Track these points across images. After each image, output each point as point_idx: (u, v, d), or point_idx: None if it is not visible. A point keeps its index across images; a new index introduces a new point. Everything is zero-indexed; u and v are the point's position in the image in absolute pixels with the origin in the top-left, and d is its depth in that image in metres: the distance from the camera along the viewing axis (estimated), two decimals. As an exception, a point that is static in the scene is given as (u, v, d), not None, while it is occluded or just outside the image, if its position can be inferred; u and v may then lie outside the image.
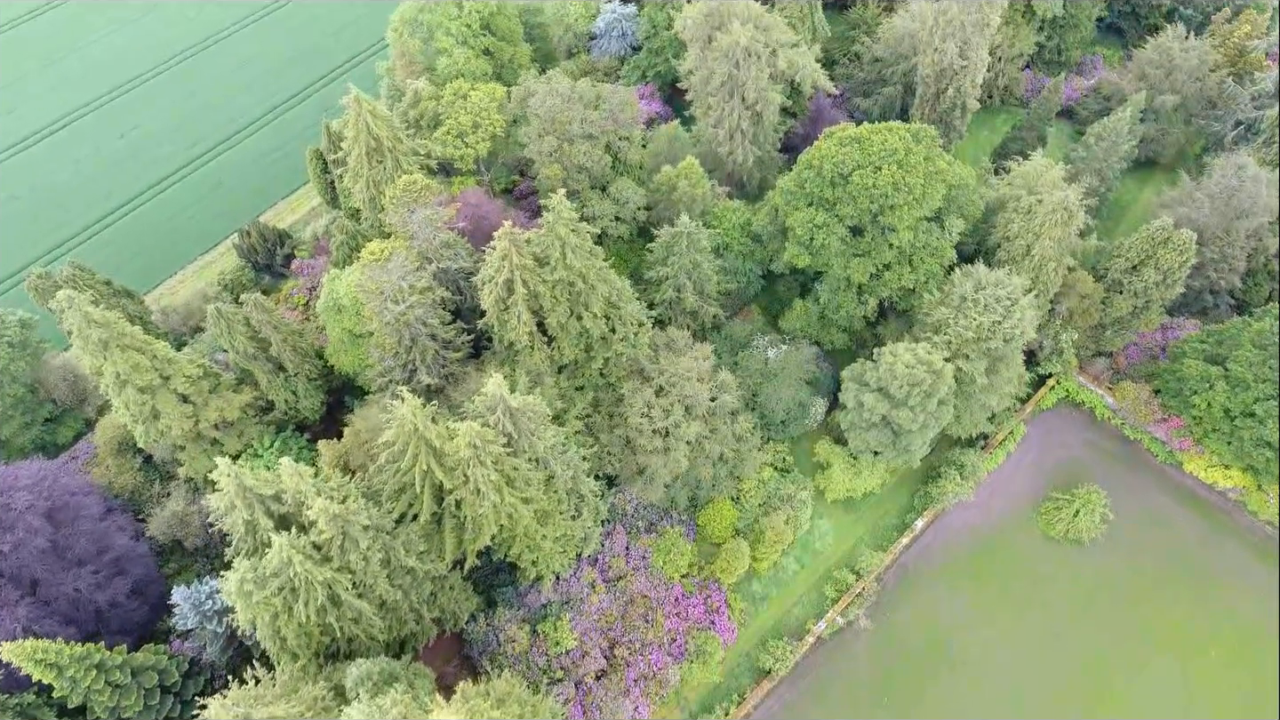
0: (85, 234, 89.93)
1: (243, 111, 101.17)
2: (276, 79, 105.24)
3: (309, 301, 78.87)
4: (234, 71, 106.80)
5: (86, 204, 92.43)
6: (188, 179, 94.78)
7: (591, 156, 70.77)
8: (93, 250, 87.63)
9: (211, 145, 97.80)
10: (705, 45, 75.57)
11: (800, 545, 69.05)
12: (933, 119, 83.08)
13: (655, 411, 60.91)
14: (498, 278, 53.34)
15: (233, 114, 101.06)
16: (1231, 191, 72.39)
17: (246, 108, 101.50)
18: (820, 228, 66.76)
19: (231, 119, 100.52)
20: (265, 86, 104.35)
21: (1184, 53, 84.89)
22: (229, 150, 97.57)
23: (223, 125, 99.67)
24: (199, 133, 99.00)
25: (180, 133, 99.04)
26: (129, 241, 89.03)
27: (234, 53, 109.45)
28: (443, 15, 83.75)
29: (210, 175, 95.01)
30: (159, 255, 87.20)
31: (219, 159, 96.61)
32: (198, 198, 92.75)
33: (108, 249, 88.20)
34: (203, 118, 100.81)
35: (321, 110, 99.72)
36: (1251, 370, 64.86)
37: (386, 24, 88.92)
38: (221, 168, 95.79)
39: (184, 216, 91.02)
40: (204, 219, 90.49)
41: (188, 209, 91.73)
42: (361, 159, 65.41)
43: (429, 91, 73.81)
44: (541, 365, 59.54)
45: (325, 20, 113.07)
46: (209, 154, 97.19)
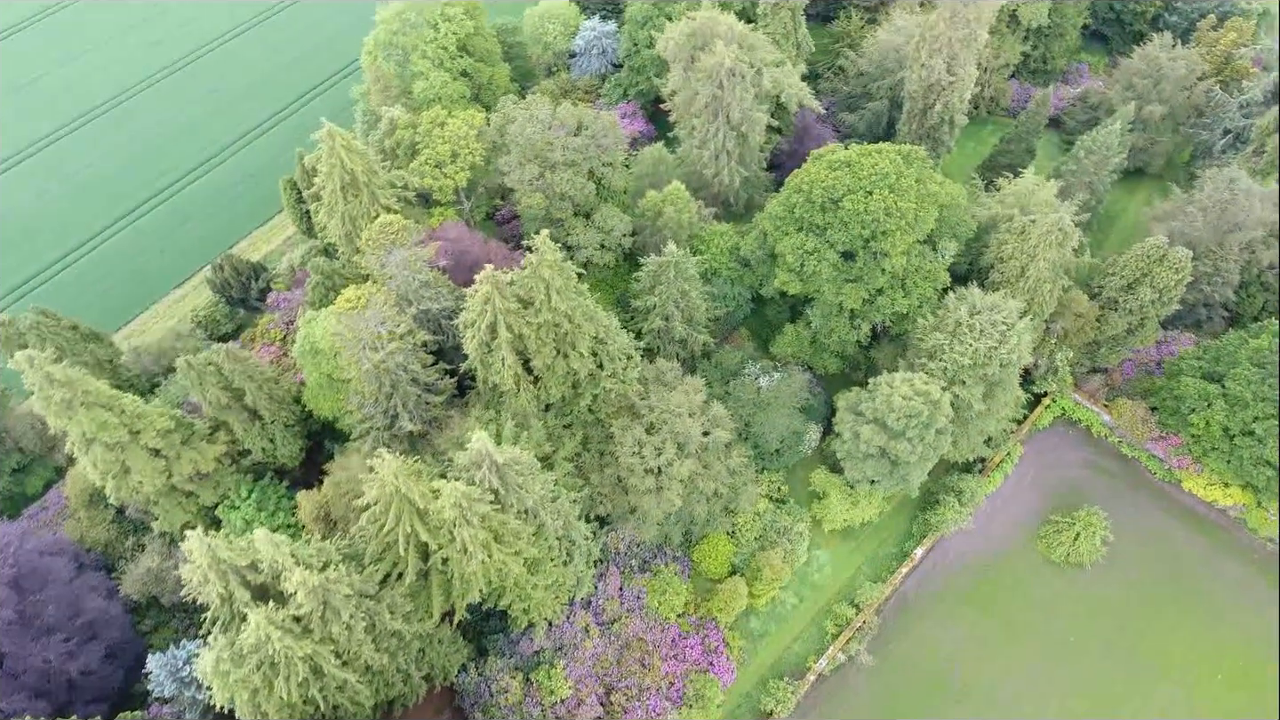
0: (51, 271, 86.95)
1: (213, 139, 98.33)
2: (247, 104, 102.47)
3: (286, 336, 76.51)
4: (203, 97, 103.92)
5: (52, 239, 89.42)
6: (157, 210, 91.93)
7: (574, 184, 68.85)
8: (59, 289, 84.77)
9: (181, 174, 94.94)
10: (688, 65, 73.84)
11: (798, 578, 67.48)
12: (920, 134, 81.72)
13: (647, 450, 59.05)
14: (480, 322, 51.32)
15: (202, 142, 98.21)
16: (1224, 205, 71.45)
17: (216, 135, 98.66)
18: (811, 254, 65.19)
19: (201, 147, 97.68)
20: (235, 112, 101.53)
21: (1171, 62, 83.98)
22: (199, 180, 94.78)
23: (192, 153, 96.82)
24: (167, 162, 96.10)
25: (148, 162, 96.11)
26: (97, 278, 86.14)
27: (203, 78, 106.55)
28: (418, 38, 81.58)
29: (180, 206, 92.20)
30: (128, 291, 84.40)
31: (189, 189, 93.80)
32: (168, 230, 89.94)
33: (75, 286, 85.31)
34: (171, 146, 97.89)
35: (295, 135, 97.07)
36: (1250, 389, 63.85)
37: (360, 46, 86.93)
38: (192, 198, 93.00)
39: (154, 250, 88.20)
40: (175, 252, 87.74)
41: (158, 242, 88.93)
42: (336, 194, 63.15)
43: (405, 120, 71.57)
44: (528, 407, 57.58)
45: (296, 42, 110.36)
46: (178, 184, 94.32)
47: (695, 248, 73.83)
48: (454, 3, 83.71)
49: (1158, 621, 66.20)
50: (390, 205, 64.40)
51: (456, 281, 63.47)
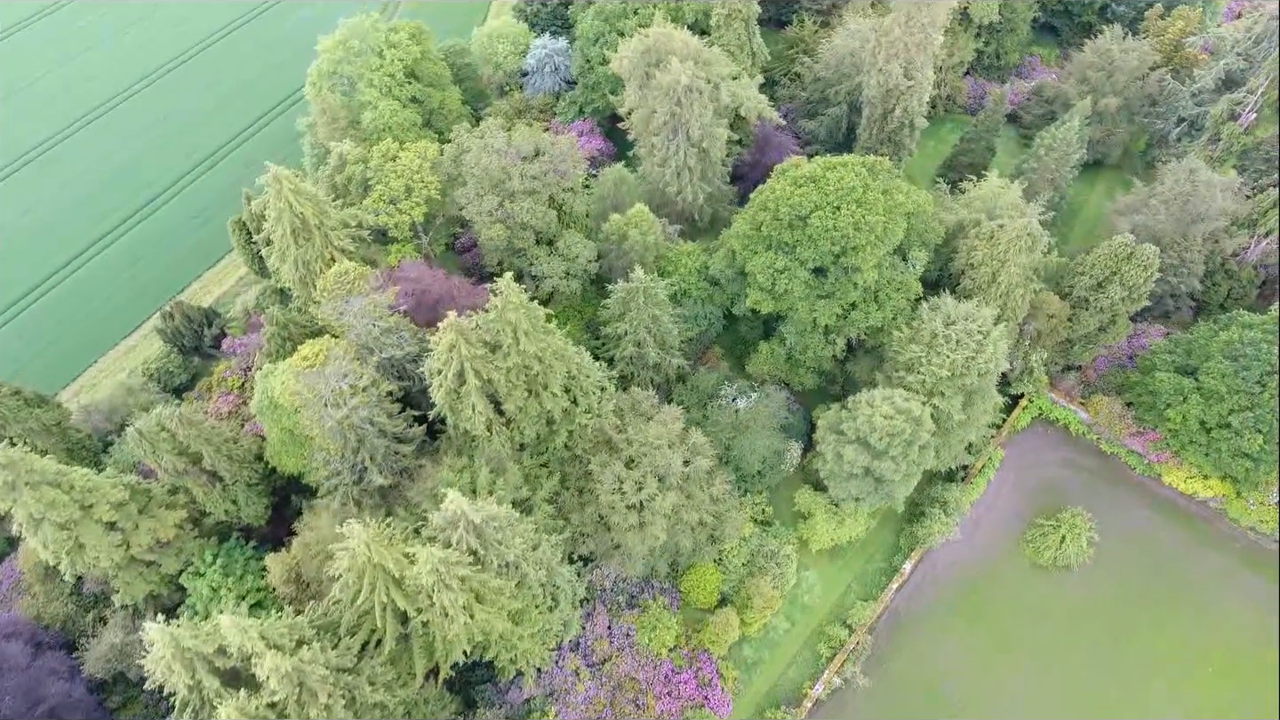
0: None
1: (156, 177, 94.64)
2: (191, 137, 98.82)
3: (244, 383, 73.51)
4: (143, 132, 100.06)
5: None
6: (100, 257, 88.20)
7: (535, 213, 66.94)
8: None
9: (124, 217, 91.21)
10: (644, 83, 72.26)
11: (788, 601, 66.34)
12: (881, 139, 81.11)
13: (627, 486, 57.35)
14: (447, 370, 49.30)
15: (146, 179, 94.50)
16: (1185, 197, 71.66)
17: (159, 173, 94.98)
18: (782, 272, 64.03)
19: (145, 185, 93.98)
20: (179, 147, 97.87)
21: (1124, 54, 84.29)
22: (144, 221, 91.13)
23: (135, 193, 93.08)
24: (109, 204, 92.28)
25: (89, 205, 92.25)
26: (41, 332, 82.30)
27: (142, 112, 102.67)
28: (364, 66, 79.22)
29: (126, 250, 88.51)
30: (75, 345, 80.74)
31: (133, 232, 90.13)
32: (114, 276, 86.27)
33: (17, 342, 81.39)
34: (112, 187, 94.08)
35: (243, 169, 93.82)
36: (1224, 382, 63.96)
37: (304, 73, 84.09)
38: (137, 241, 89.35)
39: (99, 299, 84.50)
40: (122, 300, 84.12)
41: (103, 290, 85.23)
42: (287, 239, 60.57)
43: (355, 154, 69.04)
44: (502, 450, 55.62)
45: (240, 70, 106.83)
46: (122, 227, 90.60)
47: (663, 269, 72.34)
48: (398, 28, 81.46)
49: (1146, 619, 66.14)
50: (344, 246, 61.96)
51: (419, 321, 61.33)
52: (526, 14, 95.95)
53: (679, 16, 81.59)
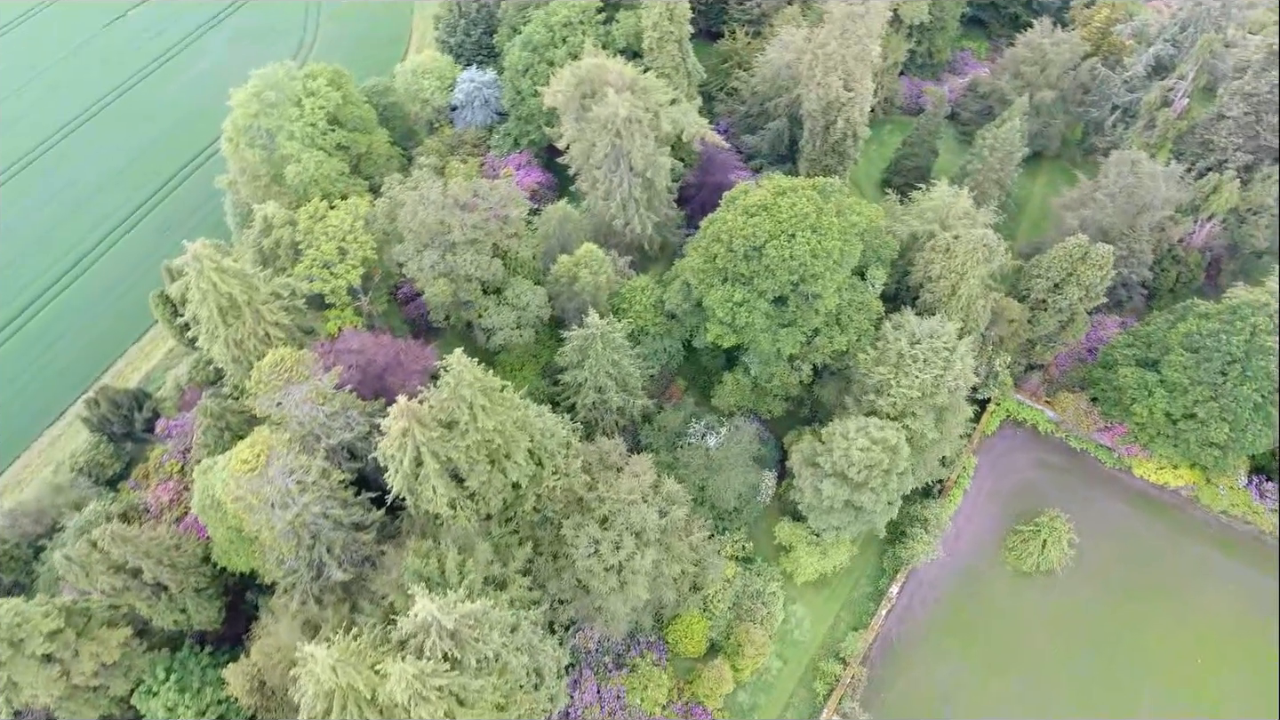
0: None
1: (67, 248, 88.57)
2: (100, 203, 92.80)
3: (184, 466, 68.83)
4: (49, 201, 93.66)
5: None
6: (13, 341, 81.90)
7: (479, 264, 63.90)
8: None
9: (35, 295, 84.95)
10: (580, 115, 69.51)
11: (779, 639, 64.55)
12: (825, 150, 79.79)
13: (604, 547, 54.77)
14: (402, 456, 46.03)
15: (55, 253, 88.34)
16: (1130, 189, 71.78)
17: (70, 244, 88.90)
18: (741, 305, 62.08)
19: (55, 259, 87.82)
20: (89, 214, 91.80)
21: (1055, 46, 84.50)
22: (57, 298, 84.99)
23: (45, 269, 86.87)
24: (18, 282, 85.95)
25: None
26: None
27: (46, 178, 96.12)
28: (282, 117, 74.82)
29: (40, 332, 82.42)
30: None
31: (47, 310, 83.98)
32: (29, 362, 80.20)
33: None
34: (20, 264, 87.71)
35: (159, 233, 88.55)
36: (1186, 374, 64.08)
37: (217, 127, 79.24)
38: (52, 320, 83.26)
39: (16, 387, 78.50)
40: (41, 386, 78.30)
41: (19, 378, 79.17)
42: (215, 319, 56.41)
43: (281, 216, 64.90)
44: (468, 525, 52.54)
45: (143, 129, 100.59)
46: (34, 306, 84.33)
47: (617, 307, 69.88)
48: (315, 73, 77.26)
49: (1132, 616, 66.08)
50: (279, 320, 57.99)
51: (367, 393, 57.84)
52: (450, 45, 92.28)
53: (609, 42, 79.02)
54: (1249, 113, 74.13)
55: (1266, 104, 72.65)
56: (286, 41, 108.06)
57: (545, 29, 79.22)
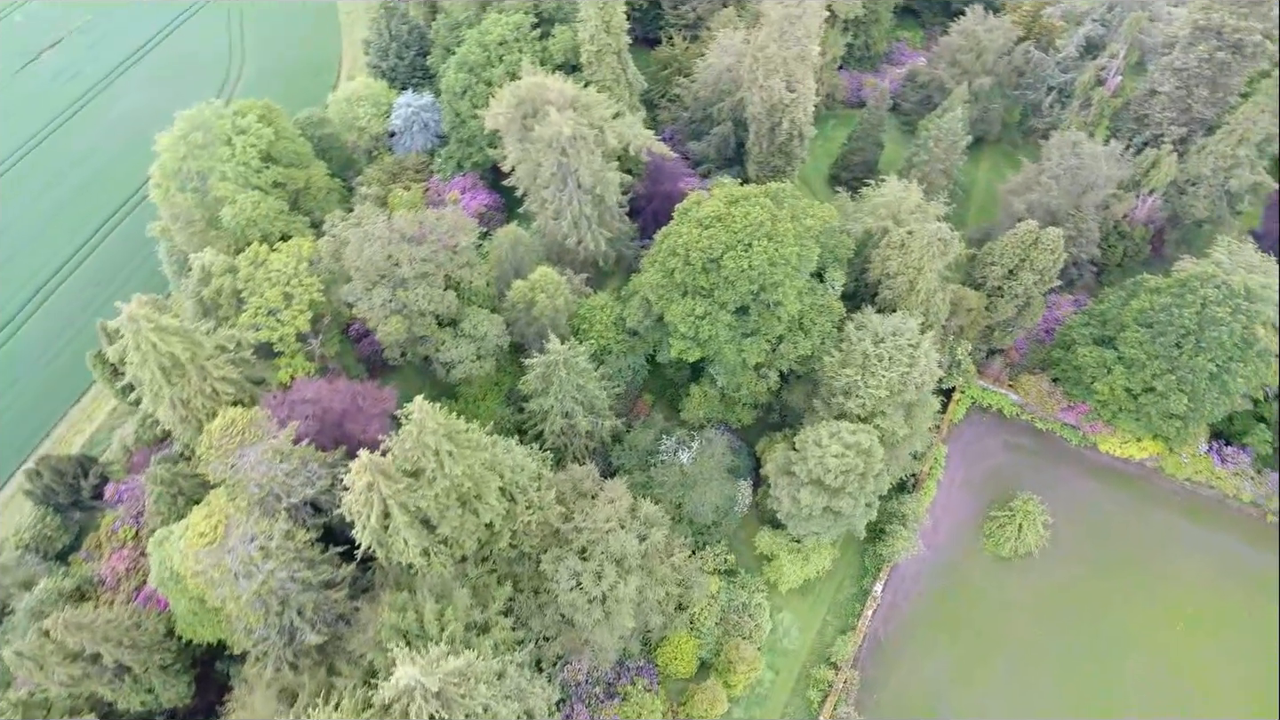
0: None
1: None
2: (28, 257, 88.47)
3: (139, 532, 65.76)
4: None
5: None
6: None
7: (431, 297, 62.07)
8: None
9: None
10: (523, 136, 67.99)
11: (768, 649, 64.06)
12: (772, 151, 79.51)
13: (586, 579, 53.62)
14: (369, 511, 44.26)
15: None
16: (1074, 170, 72.70)
17: (0, 301, 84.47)
18: (703, 318, 61.33)
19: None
20: (17, 270, 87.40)
21: (989, 33, 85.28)
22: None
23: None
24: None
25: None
26: (-116, 514, 71.71)
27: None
28: (213, 158, 72.11)
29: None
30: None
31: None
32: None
33: None
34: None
35: (92, 286, 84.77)
36: (1143, 349, 65.10)
37: (145, 170, 75.94)
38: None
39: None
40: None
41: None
42: (158, 380, 53.76)
43: (220, 264, 62.24)
44: (444, 572, 50.88)
45: (67, 176, 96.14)
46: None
47: (577, 328, 68.66)
48: (244, 110, 74.52)
49: (1111, 590, 67.08)
50: (226, 376, 55.55)
51: (326, 443, 55.76)
52: (383, 70, 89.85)
53: (547, 58, 77.59)
54: (1180, 87, 75.64)
55: (1196, 78, 74.17)
56: (210, 76, 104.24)
57: (480, 49, 77.48)
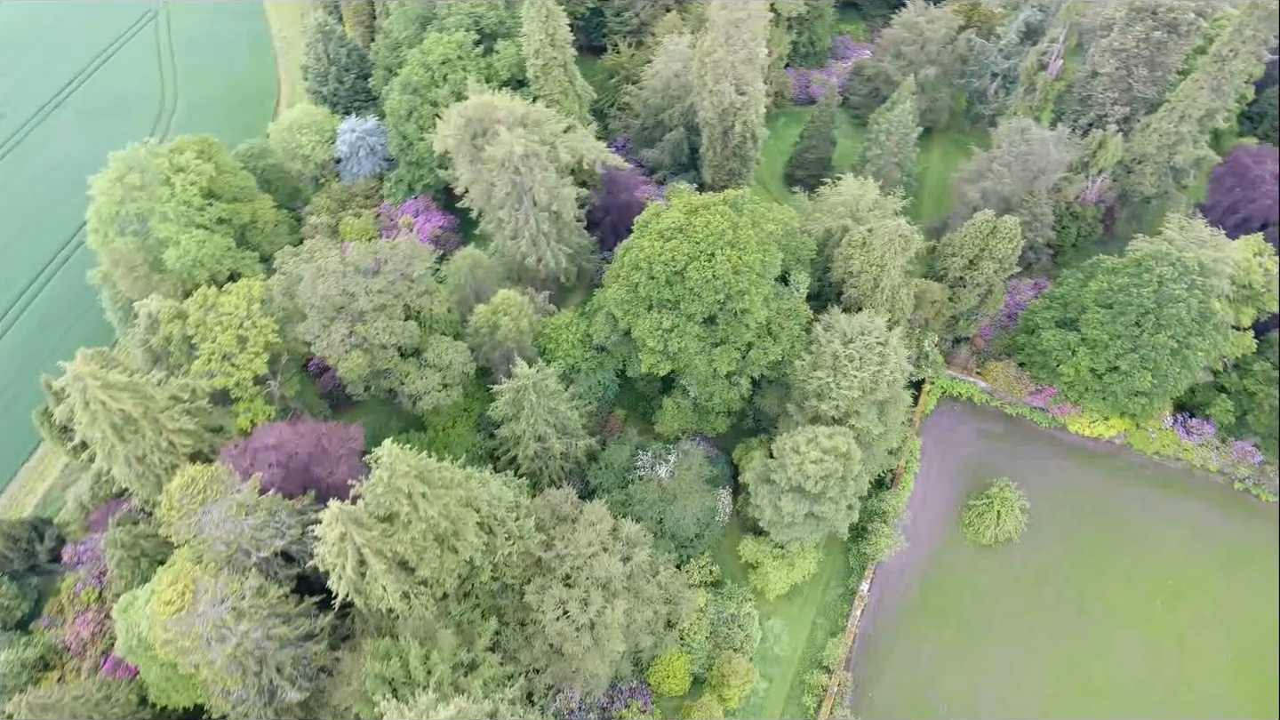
0: None
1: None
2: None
3: (102, 593, 63.10)
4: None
5: None
6: (-118, 483, 73.86)
7: (392, 329, 60.44)
8: None
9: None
10: (474, 157, 66.60)
11: (760, 658, 63.60)
12: (726, 155, 79.16)
13: (572, 606, 52.58)
14: (343, 561, 42.73)
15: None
16: (1024, 156, 73.49)
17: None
18: (671, 331, 60.61)
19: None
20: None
21: (930, 24, 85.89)
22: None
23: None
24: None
25: None
26: None
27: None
28: (152, 199, 69.70)
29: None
30: (-125, 602, 66.80)
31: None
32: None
33: None
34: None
35: (33, 338, 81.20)
36: (1105, 329, 65.89)
37: (80, 216, 73.11)
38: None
39: (-107, 536, 70.42)
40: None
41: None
42: (110, 438, 51.46)
43: (167, 311, 59.85)
44: (426, 613, 49.45)
45: (3, 222, 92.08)
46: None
47: (544, 348, 67.54)
48: (181, 147, 72.10)
49: (1092, 569, 67.94)
50: (183, 427, 53.40)
51: (294, 489, 53.94)
52: (324, 95, 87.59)
53: (493, 75, 76.22)
54: (1120, 67, 76.83)
55: (1135, 58, 75.40)
56: (143, 111, 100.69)
57: (423, 69, 75.82)
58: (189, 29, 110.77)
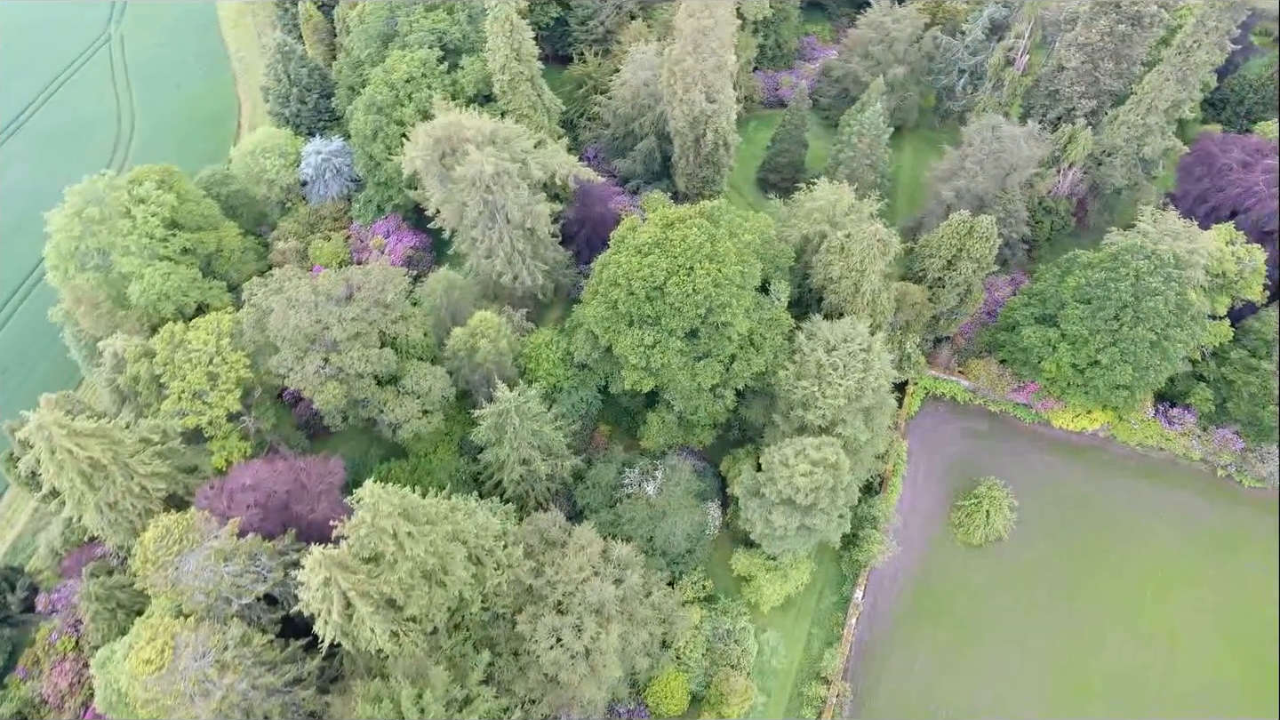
0: None
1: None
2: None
3: (79, 642, 61.12)
4: None
5: None
6: None
7: (368, 358, 59.07)
8: None
9: None
10: (444, 177, 65.37)
11: (758, 671, 63.05)
12: (699, 163, 78.56)
13: (566, 634, 51.67)
14: (329, 606, 41.46)
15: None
16: (996, 154, 73.49)
17: (-111, 411, 77.72)
18: (653, 347, 59.82)
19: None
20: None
21: (897, 23, 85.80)
22: (-115, 478, 74.13)
23: None
24: None
25: None
26: None
27: None
28: (113, 233, 67.74)
29: (-128, 522, 71.71)
30: None
31: (-125, 494, 73.20)
32: None
33: None
34: None
35: None
36: (1084, 325, 65.99)
37: (37, 252, 70.92)
38: (-116, 505, 72.64)
39: None
40: (-114, 585, 67.82)
41: None
42: (79, 487, 49.70)
43: (134, 350, 58.07)
44: (416, 649, 48.25)
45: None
46: None
47: (524, 368, 66.50)
48: (140, 177, 70.16)
49: (1081, 563, 68.13)
50: (155, 471, 51.73)
51: (274, 528, 52.42)
52: (286, 117, 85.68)
53: (459, 91, 74.94)
54: (1086, 61, 77.17)
55: (1100, 51, 75.75)
56: (99, 138, 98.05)
57: (387, 88, 74.32)
58: (143, 51, 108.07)
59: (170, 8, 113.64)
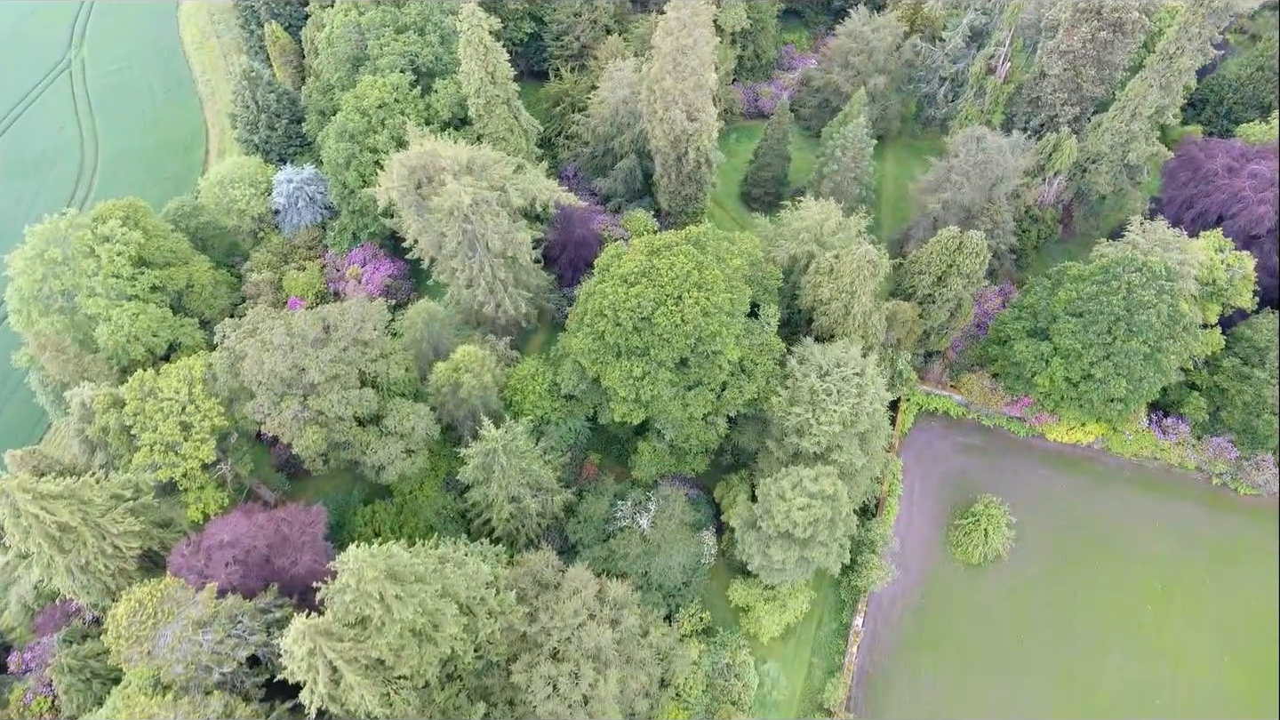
0: None
1: None
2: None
3: (55, 702, 58.64)
4: None
5: None
6: None
7: (348, 400, 57.09)
8: None
9: None
10: (421, 207, 63.42)
11: (759, 704, 61.81)
12: (681, 181, 77.05)
13: (563, 683, 50.05)
14: (315, 675, 39.57)
15: None
16: (982, 165, 72.51)
17: None
18: (642, 379, 58.30)
19: None
20: None
21: (876, 32, 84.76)
22: None
23: None
24: None
25: None
26: None
27: None
28: (78, 273, 65.18)
29: None
30: None
31: None
32: None
33: None
34: None
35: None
36: (1076, 338, 65.23)
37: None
38: None
39: None
40: None
41: None
42: (48, 551, 47.40)
43: (103, 399, 55.70)
44: (409, 709, 46.42)
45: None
46: None
47: (510, 400, 64.77)
48: (104, 214, 67.66)
49: (1081, 582, 67.30)
50: (128, 529, 49.52)
51: (255, 584, 50.40)
52: (255, 144, 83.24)
53: (433, 115, 72.95)
54: (1068, 68, 76.38)
55: (1082, 58, 75.02)
56: (61, 169, 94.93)
57: (359, 114, 72.17)
58: (104, 77, 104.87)
59: (131, 31, 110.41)
